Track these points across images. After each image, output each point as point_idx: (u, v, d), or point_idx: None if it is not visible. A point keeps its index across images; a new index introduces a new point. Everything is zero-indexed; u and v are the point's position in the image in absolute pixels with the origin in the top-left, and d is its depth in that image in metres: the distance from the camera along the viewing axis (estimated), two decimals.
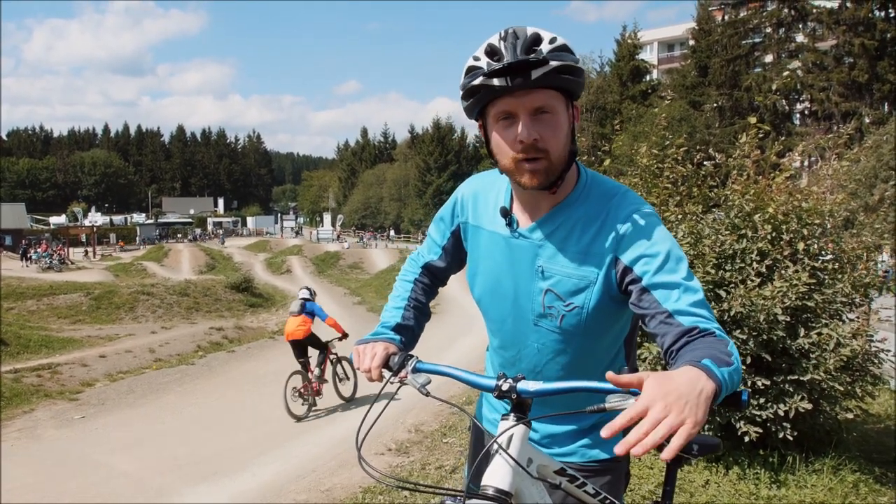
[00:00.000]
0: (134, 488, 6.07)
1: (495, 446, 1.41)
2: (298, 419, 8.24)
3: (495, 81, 1.42)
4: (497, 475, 1.38)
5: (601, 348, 1.70)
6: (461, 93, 1.54)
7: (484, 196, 1.76)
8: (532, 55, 1.40)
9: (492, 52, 1.44)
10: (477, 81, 1.45)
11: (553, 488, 1.56)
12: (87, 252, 49.67)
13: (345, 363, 9.09)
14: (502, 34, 1.45)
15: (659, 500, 1.98)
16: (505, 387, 1.44)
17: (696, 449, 1.94)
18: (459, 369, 1.56)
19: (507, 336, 1.76)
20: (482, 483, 1.39)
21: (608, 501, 1.66)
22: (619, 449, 1.11)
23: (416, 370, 1.59)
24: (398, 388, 1.59)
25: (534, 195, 1.60)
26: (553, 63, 1.41)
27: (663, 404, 1.10)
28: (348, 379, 9.28)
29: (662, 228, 1.55)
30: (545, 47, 1.42)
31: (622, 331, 1.73)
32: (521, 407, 1.44)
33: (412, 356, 1.62)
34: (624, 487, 1.86)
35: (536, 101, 1.45)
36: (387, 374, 1.61)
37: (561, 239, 1.59)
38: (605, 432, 1.12)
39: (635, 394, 1.27)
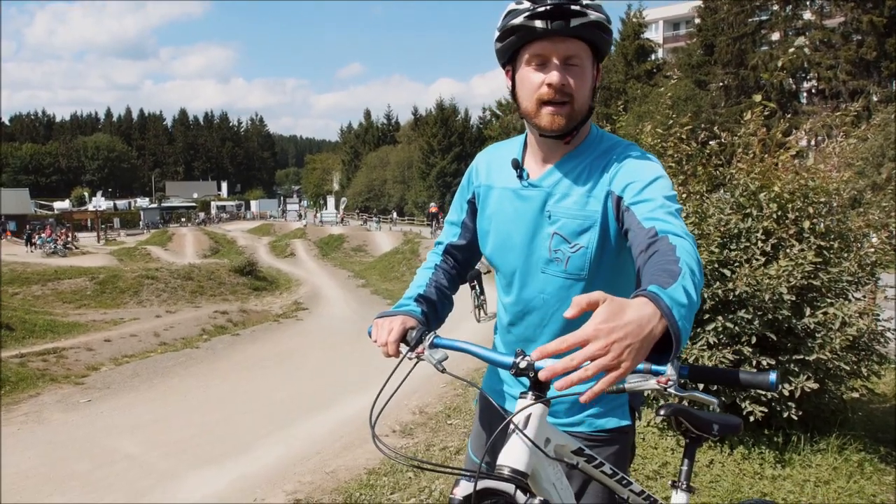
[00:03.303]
0: (139, 471, 6.09)
1: (511, 426, 1.36)
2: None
3: (537, 23, 1.49)
4: (513, 455, 1.33)
5: None
6: (497, 34, 1.59)
7: (498, 159, 1.80)
8: (574, 5, 1.48)
9: None
10: (517, 21, 1.51)
11: (570, 468, 1.53)
12: (99, 237, 49.80)
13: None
14: None
15: (676, 480, 1.95)
16: (522, 364, 1.39)
17: (717, 429, 1.90)
18: (477, 345, 1.53)
19: (515, 289, 1.76)
20: (497, 463, 1.35)
21: (625, 482, 1.64)
22: (543, 374, 1.11)
23: (433, 346, 1.54)
24: (415, 364, 1.52)
25: (547, 146, 1.67)
26: (592, 16, 1.49)
27: (605, 343, 1.06)
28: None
29: (655, 163, 1.59)
30: (585, 0, 1.49)
31: (629, 279, 1.69)
32: (540, 385, 1.39)
33: (430, 331, 1.58)
34: (630, 460, 1.85)
35: (570, 50, 1.52)
36: (404, 349, 1.56)
37: (568, 184, 1.64)
38: (543, 374, 1.12)
39: (657, 374, 1.24)
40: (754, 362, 4.38)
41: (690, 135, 5.37)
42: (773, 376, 1.26)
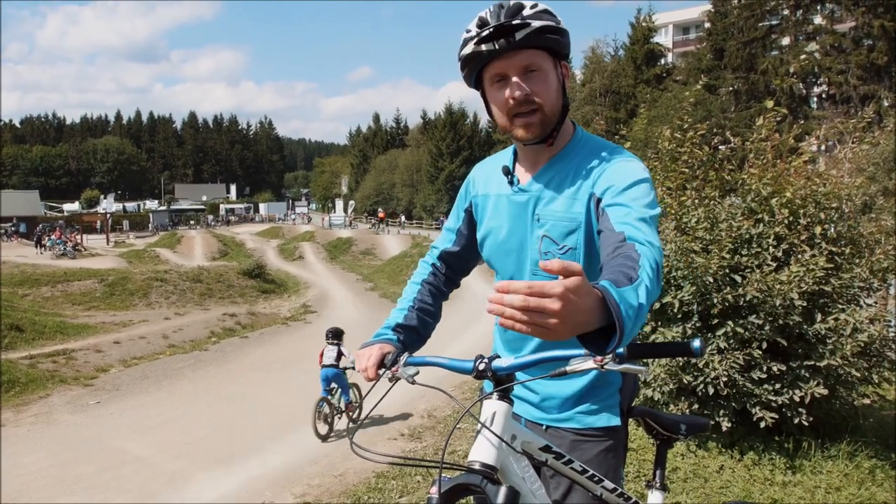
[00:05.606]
0: (148, 472, 6.12)
1: (479, 424, 1.49)
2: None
3: (483, 47, 1.58)
4: (482, 450, 1.44)
5: None
6: (459, 64, 1.67)
7: (492, 170, 1.89)
8: (514, 20, 1.54)
9: (481, 23, 1.59)
10: (468, 49, 1.61)
11: (540, 465, 1.62)
12: (108, 239, 50.00)
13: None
14: (491, 8, 1.59)
15: (650, 480, 2.00)
16: (481, 366, 1.50)
17: (685, 429, 1.98)
18: (444, 358, 1.65)
19: None
20: (468, 459, 1.45)
21: (596, 479, 1.70)
22: (490, 306, 1.08)
23: (406, 364, 1.69)
24: (394, 384, 1.68)
25: (534, 152, 1.74)
26: (535, 24, 1.55)
27: (561, 307, 1.05)
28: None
29: (638, 166, 1.63)
30: (527, 12, 1.56)
31: None
32: (502, 384, 1.51)
33: (404, 352, 1.73)
34: (622, 459, 1.90)
35: (524, 61, 1.59)
36: (382, 372, 1.72)
37: (555, 187, 1.70)
38: (498, 286, 1.09)
39: (595, 355, 1.32)
40: (764, 368, 4.36)
41: (702, 139, 5.36)
42: (695, 343, 1.30)
